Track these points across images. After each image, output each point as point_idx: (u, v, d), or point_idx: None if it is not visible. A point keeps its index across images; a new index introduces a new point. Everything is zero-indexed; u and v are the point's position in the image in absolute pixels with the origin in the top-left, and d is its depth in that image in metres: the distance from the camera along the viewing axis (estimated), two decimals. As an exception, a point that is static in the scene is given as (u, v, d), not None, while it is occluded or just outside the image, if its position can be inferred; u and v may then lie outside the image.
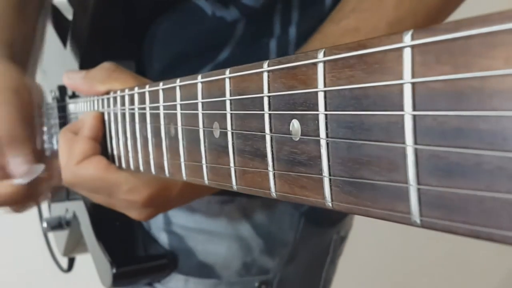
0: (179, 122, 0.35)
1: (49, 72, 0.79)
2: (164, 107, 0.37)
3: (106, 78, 0.50)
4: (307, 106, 0.22)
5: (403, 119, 0.18)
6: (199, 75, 0.31)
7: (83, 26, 0.62)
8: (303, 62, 0.22)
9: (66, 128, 0.54)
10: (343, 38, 0.47)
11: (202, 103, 0.31)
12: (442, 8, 0.50)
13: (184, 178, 0.35)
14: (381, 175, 0.19)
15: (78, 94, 0.67)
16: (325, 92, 0.21)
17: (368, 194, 0.20)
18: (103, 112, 0.51)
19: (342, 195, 0.21)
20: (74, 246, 0.80)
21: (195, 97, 0.32)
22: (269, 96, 0.25)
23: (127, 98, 0.45)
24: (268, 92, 0.25)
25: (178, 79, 0.35)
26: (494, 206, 0.15)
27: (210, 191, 0.54)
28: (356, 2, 0.49)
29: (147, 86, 0.40)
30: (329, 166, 0.22)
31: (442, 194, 0.17)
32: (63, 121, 0.68)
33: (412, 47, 0.17)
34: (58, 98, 0.70)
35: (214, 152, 0.31)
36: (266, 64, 0.25)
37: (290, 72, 0.23)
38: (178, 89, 0.35)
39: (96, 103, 0.53)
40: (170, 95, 0.36)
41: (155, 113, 0.39)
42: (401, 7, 0.47)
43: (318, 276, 0.70)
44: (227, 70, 0.28)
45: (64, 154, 0.50)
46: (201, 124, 0.32)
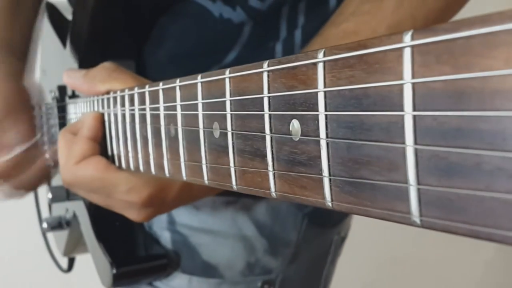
0: (179, 123, 0.35)
1: (48, 72, 0.79)
2: (164, 107, 0.37)
3: (106, 78, 0.50)
4: (307, 106, 0.22)
5: (403, 119, 0.18)
6: (199, 75, 0.31)
7: (82, 26, 0.62)
8: (303, 62, 0.22)
9: (65, 129, 0.54)
10: (342, 41, 0.47)
11: (202, 103, 0.31)
12: (442, 13, 0.50)
13: (184, 178, 0.35)
14: (381, 175, 0.19)
15: (78, 94, 0.67)
16: (325, 92, 0.21)
17: (368, 194, 0.20)
18: (103, 113, 0.51)
19: (342, 195, 0.21)
20: (74, 246, 0.80)
21: (195, 97, 0.32)
22: (269, 96, 0.25)
23: (127, 98, 0.45)
24: (268, 92, 0.25)
25: (178, 79, 0.35)
26: (493, 206, 0.15)
27: (210, 192, 0.54)
28: (356, 6, 0.49)
29: (147, 86, 0.40)
30: (329, 166, 0.22)
31: (442, 194, 0.17)
32: (63, 121, 0.68)
33: (412, 47, 0.17)
34: (58, 98, 0.70)
35: (214, 152, 0.31)
36: (266, 64, 0.25)
37: (290, 72, 0.23)
38: (178, 89, 0.35)
39: (96, 104, 0.53)
40: (170, 95, 0.36)
41: (155, 113, 0.39)
42: (400, 10, 0.48)
43: (319, 276, 0.71)
44: (227, 70, 0.28)
45: (63, 154, 0.50)
46: (201, 125, 0.32)
